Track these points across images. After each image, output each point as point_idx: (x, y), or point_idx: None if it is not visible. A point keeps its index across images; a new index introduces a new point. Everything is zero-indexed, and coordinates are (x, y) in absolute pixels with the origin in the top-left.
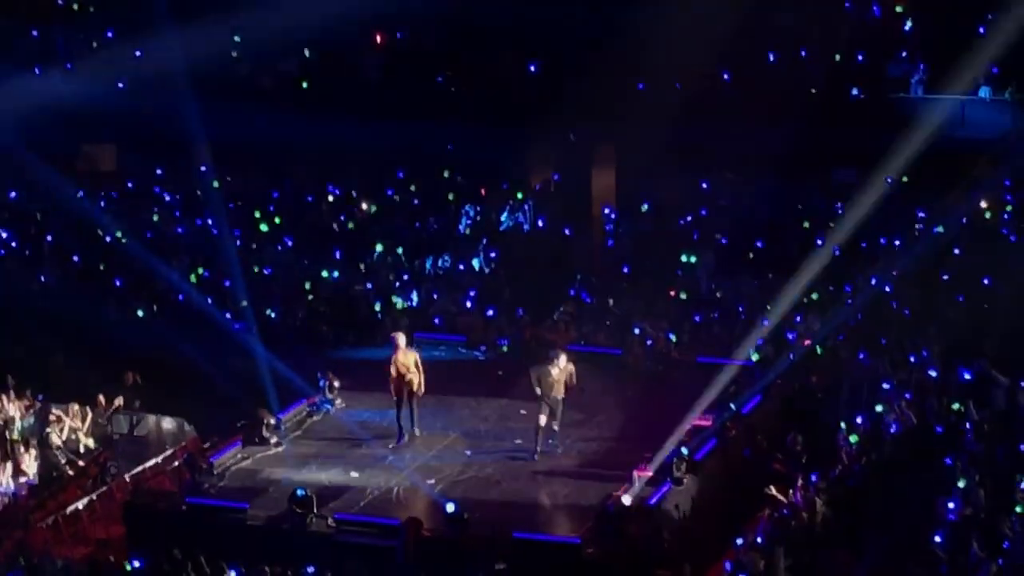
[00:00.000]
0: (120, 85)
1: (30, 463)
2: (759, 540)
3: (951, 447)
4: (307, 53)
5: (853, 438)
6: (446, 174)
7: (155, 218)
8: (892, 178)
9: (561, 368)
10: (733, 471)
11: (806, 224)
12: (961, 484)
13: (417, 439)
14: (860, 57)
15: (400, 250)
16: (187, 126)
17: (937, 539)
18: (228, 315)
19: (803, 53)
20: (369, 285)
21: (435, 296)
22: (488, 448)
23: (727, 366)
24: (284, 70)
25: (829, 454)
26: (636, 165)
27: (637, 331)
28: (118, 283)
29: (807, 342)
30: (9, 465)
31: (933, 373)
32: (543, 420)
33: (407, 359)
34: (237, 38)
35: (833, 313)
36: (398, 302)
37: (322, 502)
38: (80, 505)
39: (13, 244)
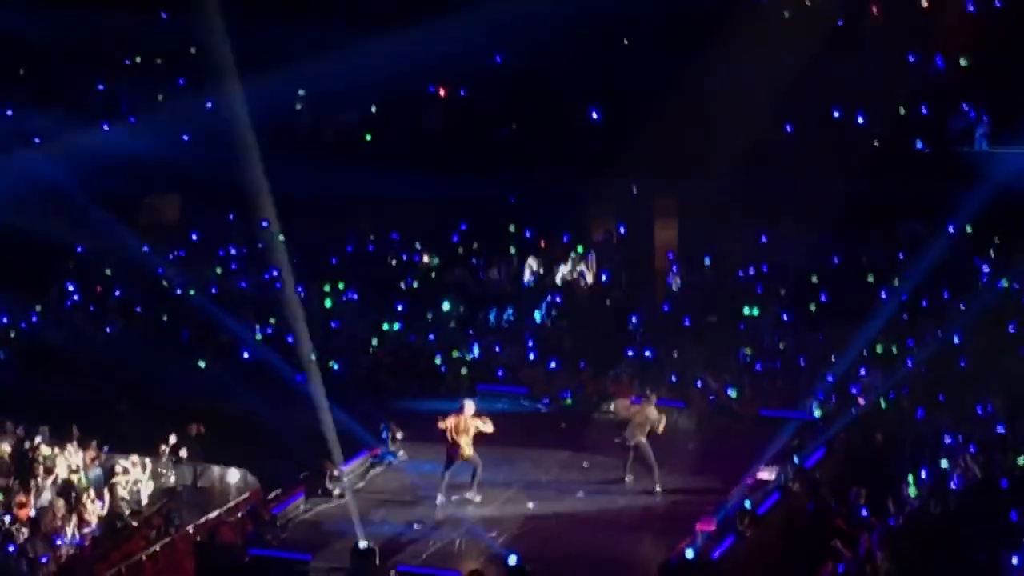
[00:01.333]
0: (184, 137)
1: (95, 514)
2: None
3: (1017, 501)
4: (371, 106)
5: (912, 491)
6: (511, 228)
7: (218, 270)
8: (956, 231)
9: (644, 412)
10: (796, 525)
11: (870, 277)
12: None
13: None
14: (924, 110)
15: (462, 304)
16: (250, 178)
17: None
18: (291, 367)
19: (866, 105)
20: (432, 337)
21: (497, 348)
22: (550, 500)
23: (790, 419)
24: (347, 123)
25: (893, 509)
26: (698, 217)
27: (699, 384)
28: (182, 335)
29: (870, 396)
30: (74, 516)
31: (1000, 428)
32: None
33: (467, 424)
34: (301, 91)
35: (897, 366)
36: (457, 355)
37: (384, 554)
38: (144, 556)
39: (78, 296)
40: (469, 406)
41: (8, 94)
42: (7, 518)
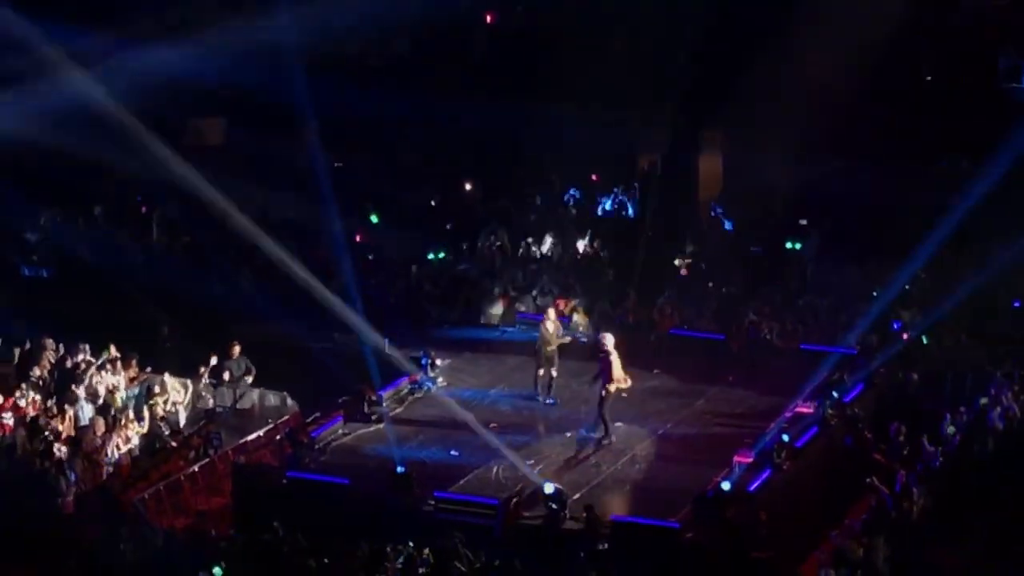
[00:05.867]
0: (231, 60)
1: (135, 434)
2: (859, 529)
3: None
4: (418, 33)
5: (951, 429)
6: (551, 155)
7: (261, 193)
8: (1002, 168)
9: (553, 322)
10: (834, 459)
11: (914, 212)
12: None
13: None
14: (972, 47)
15: (504, 231)
16: (296, 102)
17: None
18: (332, 291)
19: (917, 41)
20: (473, 265)
21: (538, 277)
22: (588, 430)
23: (830, 354)
24: (394, 49)
25: (932, 445)
26: (743, 150)
27: (741, 317)
28: (224, 257)
29: (912, 332)
30: (114, 435)
31: None
32: (541, 372)
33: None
34: (348, 15)
35: (939, 303)
36: (496, 288)
37: (421, 479)
38: (182, 476)
39: (121, 216)
40: (551, 311)
41: (55, 14)
42: (47, 435)
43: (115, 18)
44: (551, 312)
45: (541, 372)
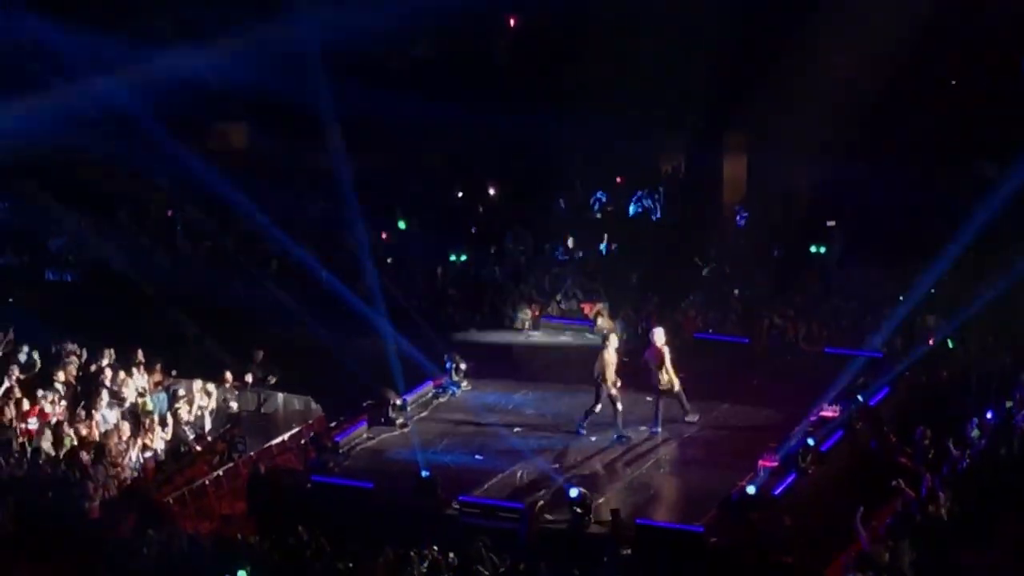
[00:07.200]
0: (254, 63)
1: (159, 438)
2: (884, 533)
3: None
4: (441, 38)
5: (976, 433)
6: (574, 158)
7: (285, 198)
8: None
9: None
10: (859, 463)
11: (938, 215)
12: None
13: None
14: (1001, 49)
15: (528, 235)
16: (319, 106)
17: None
18: (356, 295)
19: (943, 43)
20: (498, 269)
21: (563, 281)
22: (612, 434)
23: (855, 357)
24: (416, 52)
25: (957, 448)
26: (768, 153)
27: (765, 320)
28: (248, 261)
29: (937, 335)
30: (138, 440)
31: None
32: (598, 408)
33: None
34: (371, 19)
35: (964, 306)
36: (522, 293)
37: (446, 484)
38: (207, 480)
39: (146, 220)
40: (659, 334)
41: (79, 18)
42: (72, 440)
43: (138, 22)
44: (613, 339)
45: (598, 408)
